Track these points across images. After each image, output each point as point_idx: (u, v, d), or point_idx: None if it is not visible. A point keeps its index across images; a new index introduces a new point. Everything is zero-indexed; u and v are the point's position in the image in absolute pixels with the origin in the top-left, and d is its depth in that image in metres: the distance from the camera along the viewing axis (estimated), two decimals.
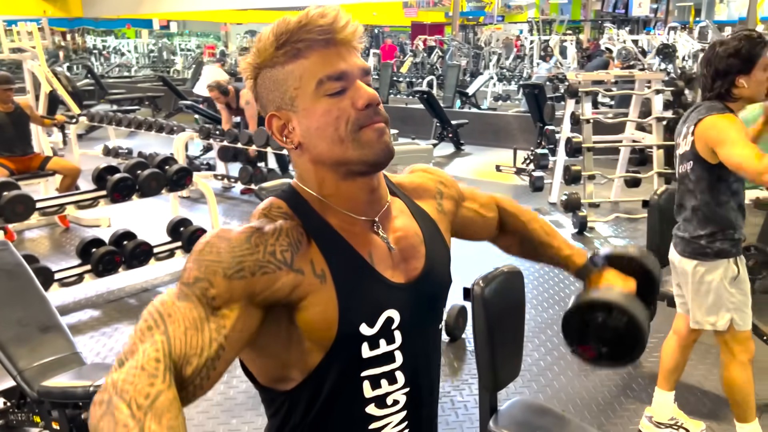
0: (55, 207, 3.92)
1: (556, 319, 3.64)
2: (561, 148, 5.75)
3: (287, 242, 0.84)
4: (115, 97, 12.75)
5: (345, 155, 0.86)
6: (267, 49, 0.86)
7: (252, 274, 0.79)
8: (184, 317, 0.76)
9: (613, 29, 14.39)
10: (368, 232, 0.92)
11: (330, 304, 0.85)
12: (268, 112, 0.89)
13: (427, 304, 0.98)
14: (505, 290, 2.00)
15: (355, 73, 0.86)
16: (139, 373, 0.70)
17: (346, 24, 0.85)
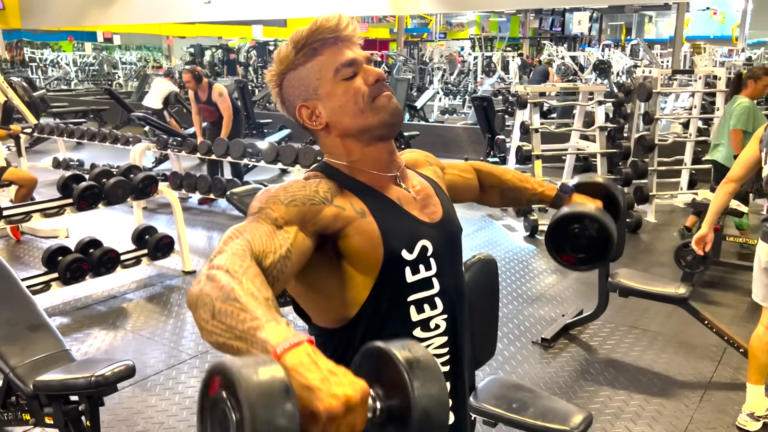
0: (21, 215, 3.91)
1: (515, 314, 3.87)
2: (511, 157, 6.04)
3: (327, 187, 1.04)
4: (58, 110, 12.44)
5: (366, 122, 1.06)
6: (288, 56, 1.07)
7: (303, 204, 0.99)
8: (257, 229, 0.94)
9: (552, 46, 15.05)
10: (393, 185, 1.12)
11: (373, 233, 1.03)
12: (296, 105, 1.08)
13: (451, 241, 1.17)
14: (481, 275, 2.18)
15: (361, 59, 1.07)
16: (231, 256, 0.85)
17: (347, 25, 1.07)
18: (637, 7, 21.14)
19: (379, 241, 1.02)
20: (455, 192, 1.37)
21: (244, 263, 0.84)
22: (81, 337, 3.53)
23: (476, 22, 25.28)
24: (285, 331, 0.73)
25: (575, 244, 1.36)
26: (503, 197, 1.50)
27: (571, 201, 1.41)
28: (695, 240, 2.78)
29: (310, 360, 0.70)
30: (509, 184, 1.48)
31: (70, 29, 16.54)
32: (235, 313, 0.76)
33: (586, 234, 1.34)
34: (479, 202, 1.51)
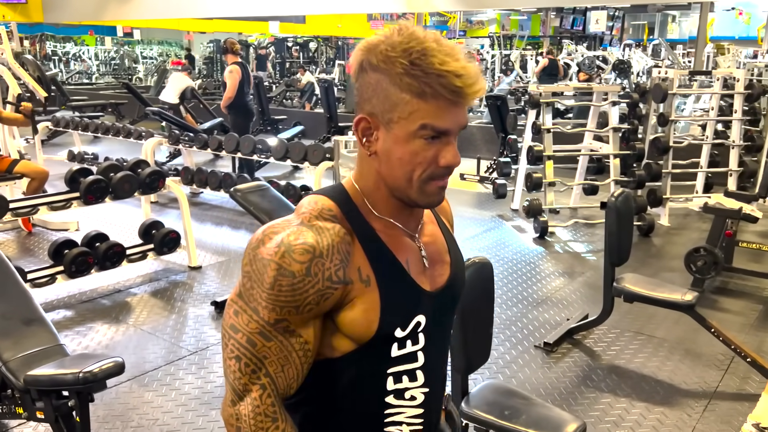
0: (28, 208, 3.94)
1: (519, 317, 3.81)
2: (523, 157, 5.97)
3: (339, 260, 0.93)
4: (77, 103, 12.59)
5: (406, 192, 0.96)
6: (395, 65, 0.90)
7: (317, 304, 0.93)
8: (277, 357, 0.94)
9: (572, 45, 14.90)
10: (405, 238, 1.03)
11: (372, 305, 0.96)
12: (363, 110, 0.95)
13: (448, 309, 1.10)
14: (476, 279, 2.14)
15: (455, 132, 0.94)
16: (264, 419, 0.93)
17: (477, 90, 0.91)
18: (660, 6, 20.80)
19: (377, 317, 0.96)
20: None
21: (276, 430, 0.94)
22: (83, 330, 3.55)
23: (497, 20, 25.11)
24: None
25: None
26: None
27: None
28: None
29: None
30: None
31: (90, 23, 16.69)
32: None
33: None
34: None
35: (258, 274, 0.91)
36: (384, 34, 0.92)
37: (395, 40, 0.90)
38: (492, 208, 6.42)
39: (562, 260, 4.94)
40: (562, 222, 5.72)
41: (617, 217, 3.15)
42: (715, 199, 4.32)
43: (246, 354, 0.93)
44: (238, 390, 0.94)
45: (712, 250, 4.06)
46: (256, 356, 0.93)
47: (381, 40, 0.92)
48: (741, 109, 5.80)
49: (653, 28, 24.15)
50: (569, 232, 5.64)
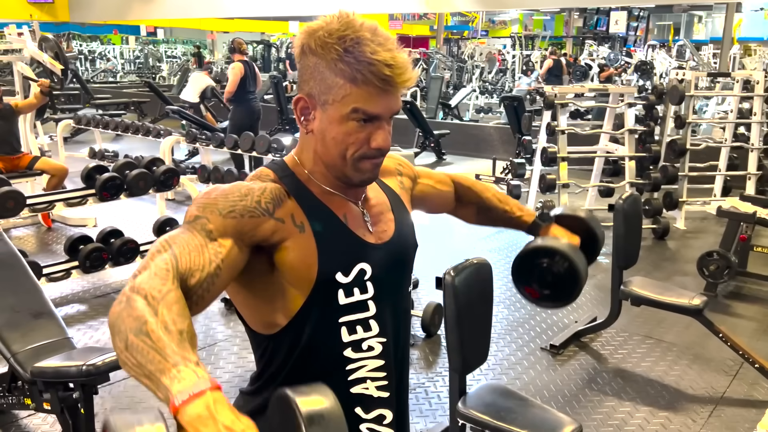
0: (45, 204, 4.02)
1: (527, 318, 3.80)
2: (537, 158, 5.94)
3: (270, 197, 0.99)
4: (101, 101, 12.79)
5: (341, 170, 1.02)
6: (330, 51, 0.95)
7: (241, 215, 0.95)
8: (187, 243, 0.92)
9: (594, 45, 14.77)
10: (345, 200, 1.07)
11: (309, 250, 1.00)
12: (302, 90, 1.01)
13: (396, 262, 1.12)
14: (474, 280, 2.15)
15: (386, 117, 0.99)
16: (152, 277, 0.84)
17: (406, 80, 0.96)
18: (685, 6, 20.50)
19: (314, 260, 1.00)
20: (427, 203, 1.34)
21: (164, 286, 0.83)
22: (95, 324, 3.62)
23: (519, 21, 24.97)
24: (190, 376, 0.73)
25: (541, 279, 1.30)
26: (479, 215, 1.45)
27: (547, 232, 1.36)
28: None
29: (208, 414, 0.71)
30: (487, 203, 1.43)
31: (115, 23, 16.95)
32: (145, 351, 0.77)
33: (555, 271, 1.27)
34: (453, 215, 1.46)
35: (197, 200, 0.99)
36: (324, 20, 0.98)
37: (333, 27, 0.96)
38: None
39: None
40: None
41: (624, 219, 3.13)
42: (730, 202, 4.27)
43: (160, 242, 0.92)
44: (140, 265, 0.89)
45: (725, 254, 4.01)
46: (168, 241, 0.92)
47: (320, 26, 0.97)
48: (761, 112, 5.71)
49: (679, 29, 23.83)
50: None
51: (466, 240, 5.38)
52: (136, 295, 0.82)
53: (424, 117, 9.20)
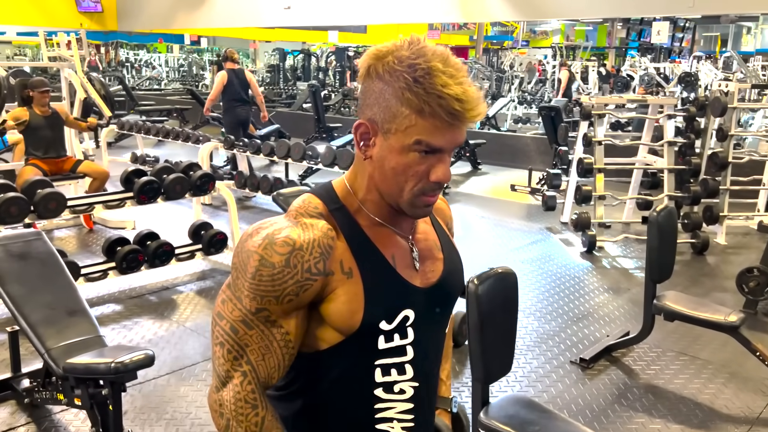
0: (85, 206, 4.14)
1: (557, 331, 3.75)
2: (573, 169, 5.87)
3: (319, 253, 0.96)
4: (144, 108, 13.15)
5: (396, 199, 0.99)
6: (399, 80, 0.91)
7: (296, 295, 0.96)
8: (258, 345, 0.97)
9: (637, 56, 14.51)
10: (394, 235, 1.05)
11: (356, 297, 0.98)
12: (364, 114, 0.97)
13: (440, 307, 1.11)
14: (498, 289, 2.13)
15: (449, 150, 0.96)
16: (244, 405, 0.97)
17: (476, 115, 0.93)
18: (733, 17, 20.00)
19: (360, 308, 0.98)
20: None
21: (258, 417, 0.98)
22: (129, 324, 3.71)
23: (561, 31, 24.73)
24: None
25: None
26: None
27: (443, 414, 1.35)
28: None
29: None
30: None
31: (160, 32, 17.40)
32: None
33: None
34: None
35: (242, 264, 0.97)
36: (394, 44, 0.94)
37: (403, 54, 0.92)
38: (541, 220, 6.32)
39: (608, 276, 4.82)
40: (611, 237, 5.58)
41: (659, 232, 3.06)
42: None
43: (229, 341, 0.97)
44: (222, 376, 0.98)
45: (766, 270, 3.88)
46: (239, 343, 0.97)
47: (390, 50, 0.94)
48: None
49: (726, 40, 23.25)
50: (619, 247, 5.50)
51: (498, 249, 5.34)
52: (237, 426, 0.98)
53: None
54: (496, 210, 6.89)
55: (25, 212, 3.71)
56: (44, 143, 5.30)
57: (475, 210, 6.79)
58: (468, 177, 8.76)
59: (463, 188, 8.03)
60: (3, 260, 2.60)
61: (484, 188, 8.07)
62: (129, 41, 21.31)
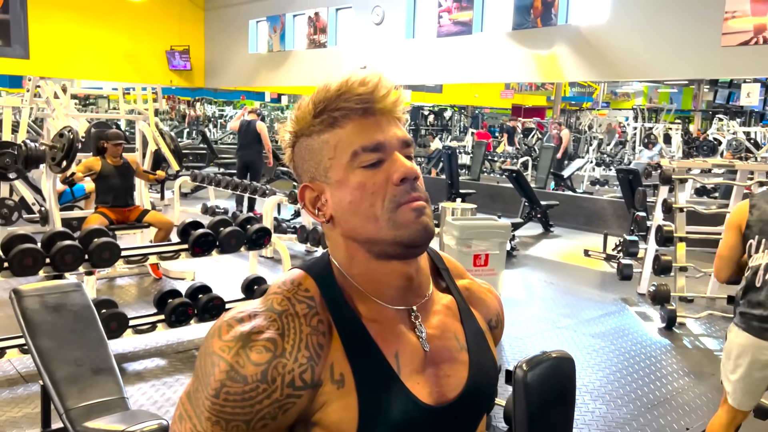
0: (139, 256, 4.13)
1: (629, 419, 3.34)
2: (652, 237, 5.45)
3: (306, 357, 0.78)
4: (222, 161, 13.58)
5: (378, 234, 0.80)
6: (305, 117, 0.83)
7: (273, 418, 0.76)
8: None
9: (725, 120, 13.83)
10: (399, 324, 0.84)
11: (348, 412, 0.78)
12: (302, 180, 0.86)
13: (457, 428, 0.88)
14: (552, 377, 1.83)
15: (394, 144, 0.81)
16: None
17: (387, 93, 0.82)
18: None
19: (353, 427, 0.78)
20: None
21: None
22: (170, 381, 3.59)
23: (643, 93, 24.14)
24: None
25: None
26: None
27: None
28: None
29: None
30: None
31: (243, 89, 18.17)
32: None
33: None
34: None
35: (205, 373, 0.76)
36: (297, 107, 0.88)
37: (304, 104, 0.85)
38: (615, 290, 5.88)
39: (689, 357, 4.34)
40: (694, 312, 5.08)
41: None
42: None
43: None
44: None
45: None
46: None
47: (294, 113, 0.87)
48: None
49: None
50: (702, 325, 4.99)
51: (566, 321, 4.95)
52: None
53: (531, 186, 8.88)
54: (567, 276, 6.49)
55: (79, 261, 3.72)
56: (113, 192, 5.42)
57: (544, 275, 6.42)
58: (539, 239, 8.39)
59: (533, 251, 7.67)
60: (37, 312, 2.54)
61: (555, 252, 7.68)
62: (215, 97, 22.37)
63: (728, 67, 6.92)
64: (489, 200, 9.45)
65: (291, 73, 12.93)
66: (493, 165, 14.11)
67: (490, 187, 10.75)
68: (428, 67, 9.81)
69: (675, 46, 7.02)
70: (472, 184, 10.54)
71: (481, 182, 11.38)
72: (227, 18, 13.55)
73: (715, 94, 19.35)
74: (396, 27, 9.95)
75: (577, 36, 8.00)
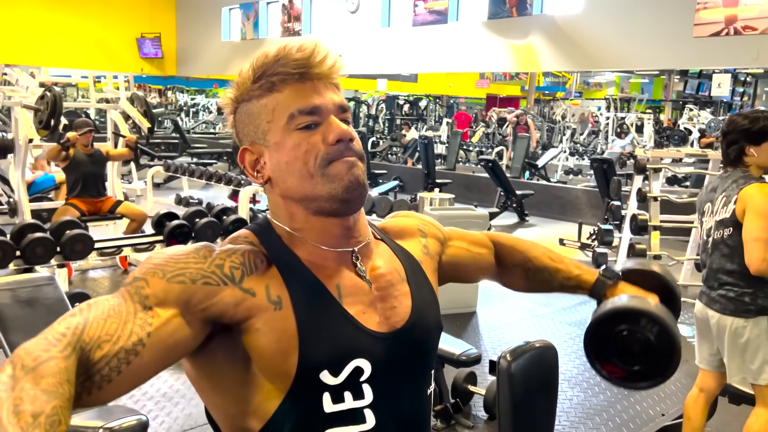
0: (114, 248, 4.06)
1: (606, 406, 3.39)
2: (626, 226, 5.52)
3: (239, 261, 0.81)
4: (196, 150, 13.40)
5: (314, 191, 0.83)
6: (245, 82, 0.86)
7: (192, 281, 0.77)
8: (110, 308, 0.73)
9: (695, 110, 14.07)
10: (340, 265, 0.87)
11: (287, 334, 0.79)
12: (242, 144, 0.89)
13: (409, 357, 0.89)
14: (535, 367, 1.86)
15: (330, 108, 0.85)
16: (39, 341, 0.66)
17: (323, 59, 0.85)
18: None
19: (294, 348, 0.78)
20: (461, 270, 1.09)
21: (46, 353, 0.64)
22: None
23: (615, 83, 24.42)
24: None
25: (625, 352, 0.99)
26: (528, 279, 1.14)
27: (617, 292, 1.07)
28: None
29: None
30: (536, 263, 1.13)
31: (215, 77, 17.94)
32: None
33: (641, 339, 0.97)
34: (498, 281, 1.17)
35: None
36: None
37: (243, 70, 0.88)
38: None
39: None
40: None
41: None
42: None
43: (81, 305, 0.74)
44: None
45: None
46: (88, 303, 0.74)
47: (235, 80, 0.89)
48: None
49: None
50: None
51: (542, 310, 5.00)
52: (8, 364, 0.63)
53: (506, 176, 8.94)
54: None
55: (51, 253, 3.64)
56: (86, 182, 5.30)
57: None
58: (514, 228, 8.45)
59: None
60: (9, 306, 2.47)
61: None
62: (187, 86, 22.04)
63: (700, 57, 7.02)
64: (465, 190, 9.49)
65: None
66: (468, 155, 14.16)
67: (465, 177, 10.80)
68: (403, 57, 9.80)
69: (648, 36, 7.10)
70: (448, 174, 10.58)
71: (457, 172, 11.41)
72: (199, 5, 13.33)
73: (685, 84, 19.66)
74: (371, 15, 9.89)
75: (552, 26, 8.04)
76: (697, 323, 2.57)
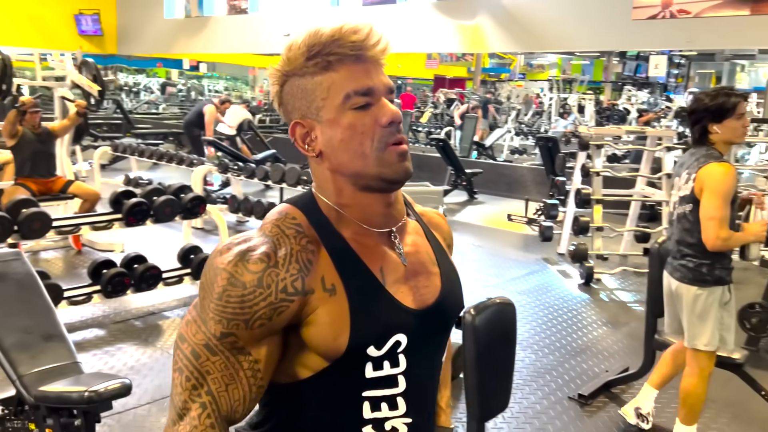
0: (71, 227, 4.04)
1: (555, 365, 3.63)
2: (571, 200, 5.80)
3: (297, 269, 0.88)
4: (140, 131, 13.10)
5: (365, 169, 0.90)
6: (298, 58, 0.90)
7: (269, 319, 0.86)
8: (222, 374, 0.86)
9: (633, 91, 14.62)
10: (381, 245, 0.95)
11: (340, 317, 0.88)
12: (293, 119, 0.94)
13: (437, 331, 1.01)
14: (497, 321, 2.02)
15: (381, 90, 0.91)
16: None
17: (377, 42, 0.91)
18: (728, 55, 20.25)
19: (345, 330, 0.88)
20: None
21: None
22: (112, 350, 3.57)
23: (558, 65, 25.00)
24: None
25: None
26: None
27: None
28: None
29: None
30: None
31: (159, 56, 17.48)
32: None
33: None
34: None
35: (209, 283, 0.87)
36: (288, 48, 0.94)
37: (295, 46, 0.91)
38: (537, 251, 6.23)
39: (606, 309, 4.71)
40: (609, 269, 5.48)
41: (660, 264, 2.96)
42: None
43: (188, 366, 0.87)
44: (178, 407, 0.87)
45: None
46: (199, 370, 0.86)
47: (285, 54, 0.93)
48: None
49: (721, 77, 23.49)
50: (616, 280, 5.40)
51: (494, 280, 5.23)
52: None
53: (456, 155, 9.15)
54: (493, 239, 6.81)
55: (8, 232, 3.61)
56: (35, 161, 5.20)
57: (471, 239, 6.70)
58: (464, 206, 8.69)
59: (459, 217, 7.95)
60: None
61: (480, 217, 8.00)
62: (129, 65, 21.39)
63: (638, 39, 7.35)
64: (416, 169, 9.31)
65: (210, 40, 12.58)
66: (417, 135, 14.32)
67: (416, 157, 10.95)
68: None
69: (591, 19, 7.38)
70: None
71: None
72: None
73: (623, 66, 20.37)
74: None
75: (499, 7, 8.24)
76: (665, 292, 2.73)
